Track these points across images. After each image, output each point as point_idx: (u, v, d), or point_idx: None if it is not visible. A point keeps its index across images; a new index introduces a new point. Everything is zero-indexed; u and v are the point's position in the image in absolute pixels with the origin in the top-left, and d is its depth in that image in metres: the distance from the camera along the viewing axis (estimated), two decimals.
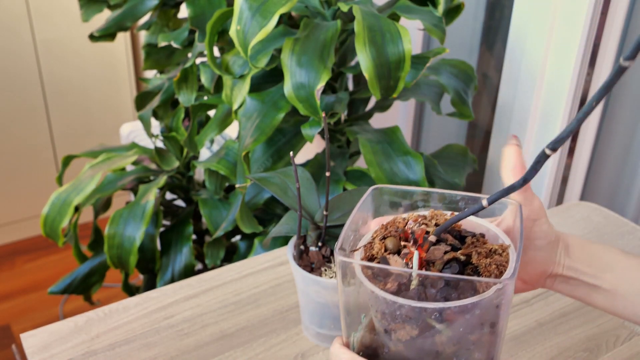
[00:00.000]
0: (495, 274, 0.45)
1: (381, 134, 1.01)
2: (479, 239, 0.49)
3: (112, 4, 1.32)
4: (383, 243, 0.49)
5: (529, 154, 1.17)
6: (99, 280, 1.22)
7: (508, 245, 0.48)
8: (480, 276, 0.45)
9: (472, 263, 0.47)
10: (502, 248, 0.48)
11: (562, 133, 0.41)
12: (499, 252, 0.47)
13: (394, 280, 0.45)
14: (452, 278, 0.43)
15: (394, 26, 0.85)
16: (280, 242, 1.04)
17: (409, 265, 0.46)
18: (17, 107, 2.34)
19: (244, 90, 0.95)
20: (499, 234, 0.50)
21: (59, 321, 0.79)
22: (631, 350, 0.77)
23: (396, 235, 0.49)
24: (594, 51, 1.04)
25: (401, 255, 0.47)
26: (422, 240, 0.46)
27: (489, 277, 0.45)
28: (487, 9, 1.32)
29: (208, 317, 0.81)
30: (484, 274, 0.46)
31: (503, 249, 0.48)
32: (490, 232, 0.51)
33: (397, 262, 0.46)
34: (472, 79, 1.11)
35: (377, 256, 0.48)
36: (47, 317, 2.16)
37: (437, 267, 0.46)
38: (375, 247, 0.49)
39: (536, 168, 0.43)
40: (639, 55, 0.35)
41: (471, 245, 0.48)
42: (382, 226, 0.51)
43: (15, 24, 2.24)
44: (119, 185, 1.15)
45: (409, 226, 0.49)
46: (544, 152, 0.43)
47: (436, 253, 0.46)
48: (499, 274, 0.45)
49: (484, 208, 0.47)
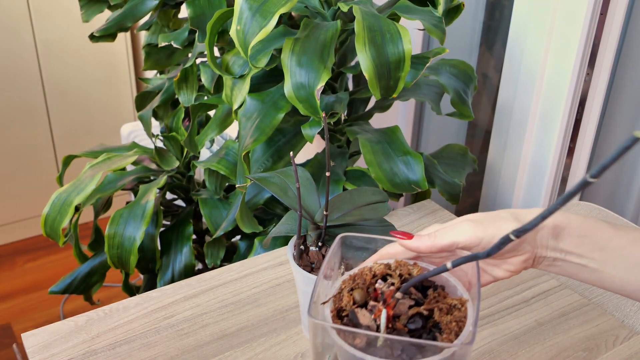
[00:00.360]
0: (455, 331, 0.49)
1: (381, 134, 1.01)
2: (439, 293, 0.53)
3: (113, 4, 1.32)
4: (351, 295, 0.52)
5: (529, 154, 1.17)
6: (100, 280, 1.22)
7: (466, 300, 0.52)
8: (441, 332, 0.49)
9: (434, 318, 0.51)
10: (461, 302, 0.51)
11: (528, 224, 0.45)
12: (459, 307, 0.51)
13: (363, 336, 0.48)
14: (416, 343, 0.47)
15: (394, 26, 0.85)
16: (280, 242, 1.04)
17: (377, 322, 0.49)
18: (17, 107, 2.34)
19: (244, 90, 0.95)
20: (457, 285, 0.54)
21: (60, 321, 0.80)
22: (630, 350, 0.77)
23: (363, 287, 0.53)
24: (594, 51, 1.04)
25: (369, 307, 0.50)
26: (389, 299, 0.50)
27: (450, 334, 0.49)
28: (487, 9, 1.32)
29: (208, 317, 0.81)
30: (445, 331, 0.49)
31: (462, 303, 0.51)
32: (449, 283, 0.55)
33: (366, 316, 0.50)
34: (472, 79, 1.11)
35: (346, 308, 0.51)
36: (47, 316, 2.17)
37: (402, 321, 0.50)
38: (344, 300, 0.52)
39: (499, 247, 0.47)
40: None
41: (433, 300, 0.52)
42: (350, 277, 0.54)
43: (15, 25, 2.24)
44: (119, 185, 1.15)
45: (379, 285, 0.52)
46: (508, 236, 0.46)
47: (401, 307, 0.50)
48: (459, 330, 0.49)
49: (447, 270, 0.50)
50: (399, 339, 0.47)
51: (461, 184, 1.10)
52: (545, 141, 1.13)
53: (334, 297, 0.53)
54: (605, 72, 1.06)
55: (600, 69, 1.05)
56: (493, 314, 0.82)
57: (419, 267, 0.55)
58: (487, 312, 0.83)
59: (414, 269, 0.55)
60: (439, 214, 1.06)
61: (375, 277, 0.54)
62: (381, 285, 0.52)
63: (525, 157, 1.18)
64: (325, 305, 0.52)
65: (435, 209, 1.07)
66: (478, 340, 0.78)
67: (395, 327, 0.49)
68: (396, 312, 0.50)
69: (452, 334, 0.49)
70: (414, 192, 0.97)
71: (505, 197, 1.25)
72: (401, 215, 1.05)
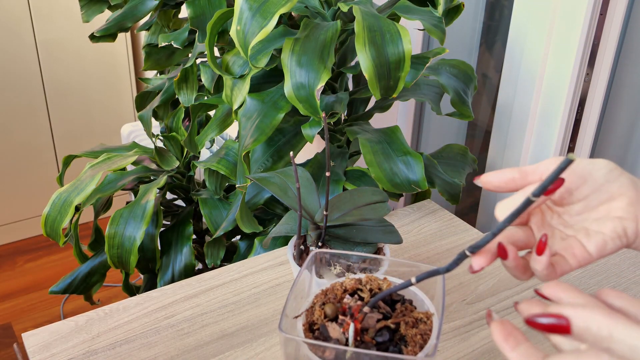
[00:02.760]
0: (420, 344, 0.51)
1: (381, 134, 1.01)
2: (407, 307, 0.55)
3: (113, 5, 1.32)
4: (322, 309, 0.54)
5: (529, 154, 1.17)
6: (100, 280, 1.23)
7: (432, 314, 0.54)
8: (407, 345, 0.52)
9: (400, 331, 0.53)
10: (426, 316, 0.54)
11: (480, 241, 0.45)
12: (424, 320, 0.54)
13: (332, 350, 0.50)
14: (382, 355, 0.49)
15: (394, 26, 0.85)
16: (280, 242, 1.04)
17: (345, 335, 0.51)
18: (18, 108, 2.34)
19: (244, 90, 0.95)
20: (424, 300, 0.56)
21: (60, 321, 0.80)
22: None
23: (334, 302, 0.55)
24: (593, 51, 1.04)
25: (339, 321, 0.53)
26: (357, 314, 0.52)
27: (415, 346, 0.51)
28: (487, 9, 1.32)
29: (208, 317, 0.81)
30: (410, 344, 0.51)
31: (427, 317, 0.54)
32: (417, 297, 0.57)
33: (335, 329, 0.52)
34: (472, 79, 1.11)
35: (317, 322, 0.54)
36: (48, 316, 2.17)
37: (371, 334, 0.52)
38: (315, 314, 0.54)
39: (457, 263, 0.48)
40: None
41: (400, 314, 0.54)
42: (322, 291, 0.57)
43: (16, 25, 2.24)
44: (120, 185, 1.15)
45: (346, 300, 0.55)
46: (464, 252, 0.47)
47: (370, 321, 0.52)
48: (424, 342, 0.52)
49: (412, 284, 0.52)
50: (365, 352, 0.49)
51: (461, 184, 1.10)
52: (545, 141, 1.13)
53: (307, 311, 0.55)
54: (605, 72, 1.06)
55: (600, 69, 1.05)
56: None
57: (388, 281, 0.58)
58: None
59: (383, 283, 0.58)
60: (439, 214, 1.06)
61: (345, 292, 0.57)
62: (349, 300, 0.55)
63: (525, 157, 1.18)
64: (298, 319, 0.55)
65: (435, 209, 1.08)
66: (478, 340, 0.78)
67: (364, 340, 0.52)
68: (365, 325, 0.52)
69: (417, 346, 0.51)
70: (414, 192, 0.97)
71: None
72: (401, 215, 1.05)
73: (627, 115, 1.12)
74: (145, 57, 1.32)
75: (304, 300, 0.57)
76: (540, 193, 0.38)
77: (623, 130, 1.13)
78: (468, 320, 0.81)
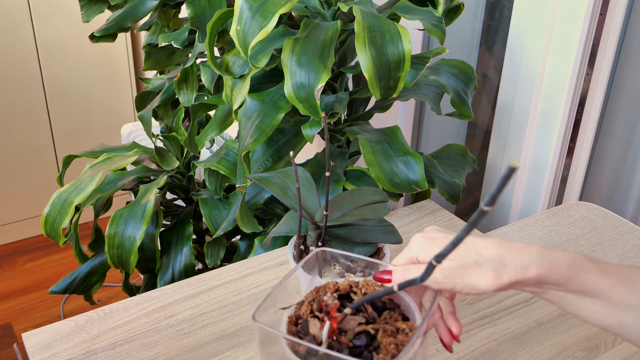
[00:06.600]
0: (393, 353, 0.50)
1: (381, 134, 1.01)
2: (392, 315, 0.55)
3: (113, 5, 1.32)
4: (310, 305, 0.55)
5: (529, 154, 1.17)
6: (100, 280, 1.23)
7: (417, 327, 0.53)
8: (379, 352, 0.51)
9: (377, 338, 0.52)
10: (410, 328, 0.53)
11: (445, 249, 0.47)
12: (406, 332, 0.53)
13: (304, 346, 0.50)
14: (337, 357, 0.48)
15: (394, 26, 0.85)
16: (280, 242, 1.04)
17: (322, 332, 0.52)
18: (18, 108, 2.34)
19: (244, 90, 0.95)
20: (415, 312, 0.55)
21: (60, 321, 0.80)
22: (630, 350, 0.77)
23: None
24: (593, 51, 1.04)
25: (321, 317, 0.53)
26: (334, 313, 0.53)
27: (386, 355, 0.50)
28: (486, 9, 1.32)
29: (208, 317, 0.81)
30: (382, 352, 0.50)
31: (410, 329, 0.53)
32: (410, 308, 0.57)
33: (316, 326, 0.52)
34: (471, 79, 1.11)
35: (303, 317, 0.54)
36: (48, 316, 2.17)
37: (348, 337, 0.51)
38: (302, 308, 0.55)
39: (428, 272, 0.51)
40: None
41: (382, 321, 0.54)
42: (315, 288, 0.57)
43: (16, 25, 2.24)
44: (120, 185, 1.15)
45: (325, 298, 0.55)
46: (431, 263, 0.49)
47: (351, 323, 0.53)
48: (397, 352, 0.50)
49: (394, 292, 0.54)
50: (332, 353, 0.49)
51: (461, 184, 1.10)
52: (545, 141, 1.13)
53: (297, 305, 0.56)
54: (605, 72, 1.06)
55: (600, 69, 1.05)
56: (493, 314, 0.83)
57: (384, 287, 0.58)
58: (487, 312, 0.83)
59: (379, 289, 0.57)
60: (439, 214, 1.06)
61: (338, 292, 0.57)
62: (328, 298, 0.55)
63: (525, 157, 1.18)
64: (285, 311, 0.55)
65: (435, 209, 1.08)
66: (478, 340, 0.78)
67: (340, 340, 0.51)
68: (344, 327, 0.52)
69: (388, 355, 0.50)
70: (414, 192, 0.97)
71: (505, 198, 1.25)
72: (401, 215, 1.05)
73: (627, 115, 1.11)
74: (145, 57, 1.32)
75: (298, 295, 0.57)
76: (492, 203, 0.40)
77: (623, 130, 1.13)
78: (468, 321, 0.81)
